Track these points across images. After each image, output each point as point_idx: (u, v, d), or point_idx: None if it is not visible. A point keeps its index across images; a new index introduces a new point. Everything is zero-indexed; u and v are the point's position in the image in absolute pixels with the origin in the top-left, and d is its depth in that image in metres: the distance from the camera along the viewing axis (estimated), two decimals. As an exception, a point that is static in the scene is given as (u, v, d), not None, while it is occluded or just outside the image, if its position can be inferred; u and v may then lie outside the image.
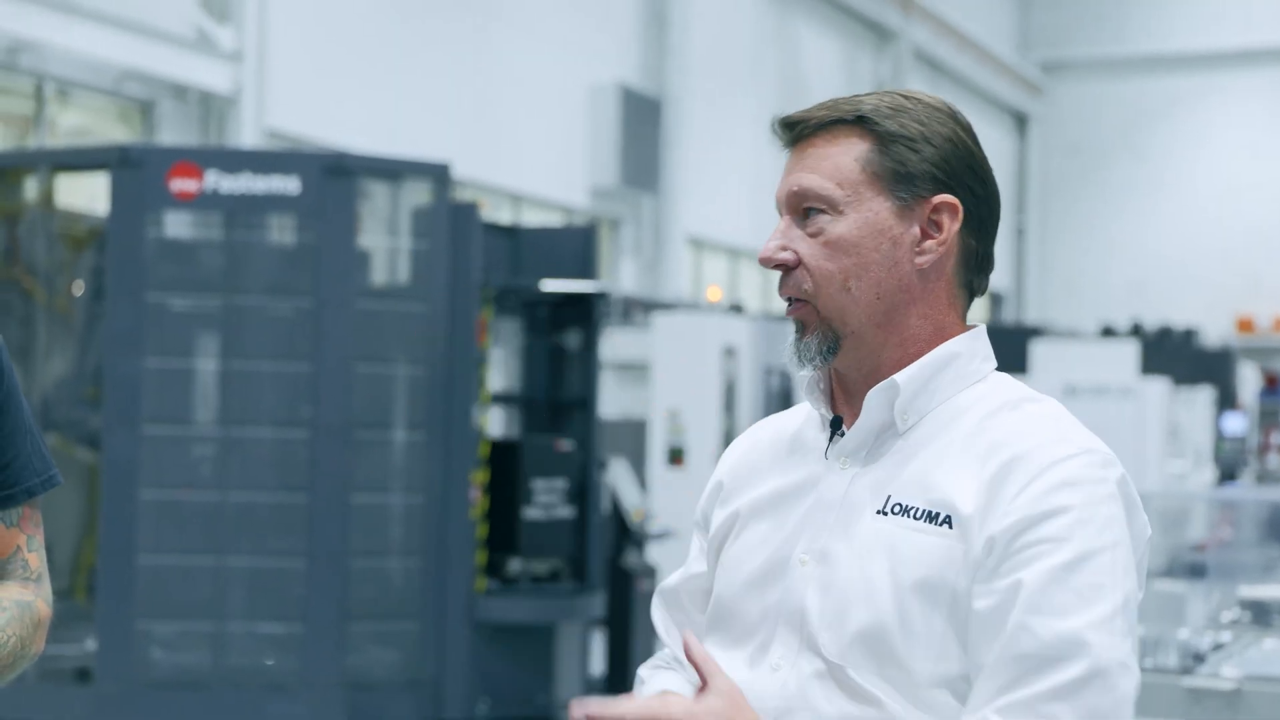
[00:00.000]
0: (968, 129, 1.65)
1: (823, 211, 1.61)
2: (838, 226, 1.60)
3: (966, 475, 1.55)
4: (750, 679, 1.61)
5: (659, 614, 1.80)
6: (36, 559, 1.92)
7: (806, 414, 1.71)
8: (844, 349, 1.61)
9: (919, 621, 1.52)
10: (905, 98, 1.64)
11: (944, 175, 1.61)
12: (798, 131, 1.65)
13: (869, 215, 1.60)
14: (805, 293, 1.61)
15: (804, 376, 1.66)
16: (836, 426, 1.65)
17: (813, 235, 1.61)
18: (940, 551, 1.53)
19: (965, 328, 1.65)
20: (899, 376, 1.60)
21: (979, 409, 1.60)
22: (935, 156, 1.61)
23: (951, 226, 1.61)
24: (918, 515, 1.55)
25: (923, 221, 1.61)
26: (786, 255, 1.62)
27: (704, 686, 1.52)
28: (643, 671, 1.78)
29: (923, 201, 1.61)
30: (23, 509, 1.91)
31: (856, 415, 1.63)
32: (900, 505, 1.56)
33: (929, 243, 1.61)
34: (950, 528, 1.53)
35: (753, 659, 1.62)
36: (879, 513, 1.58)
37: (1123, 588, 1.49)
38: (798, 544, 1.62)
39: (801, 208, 1.63)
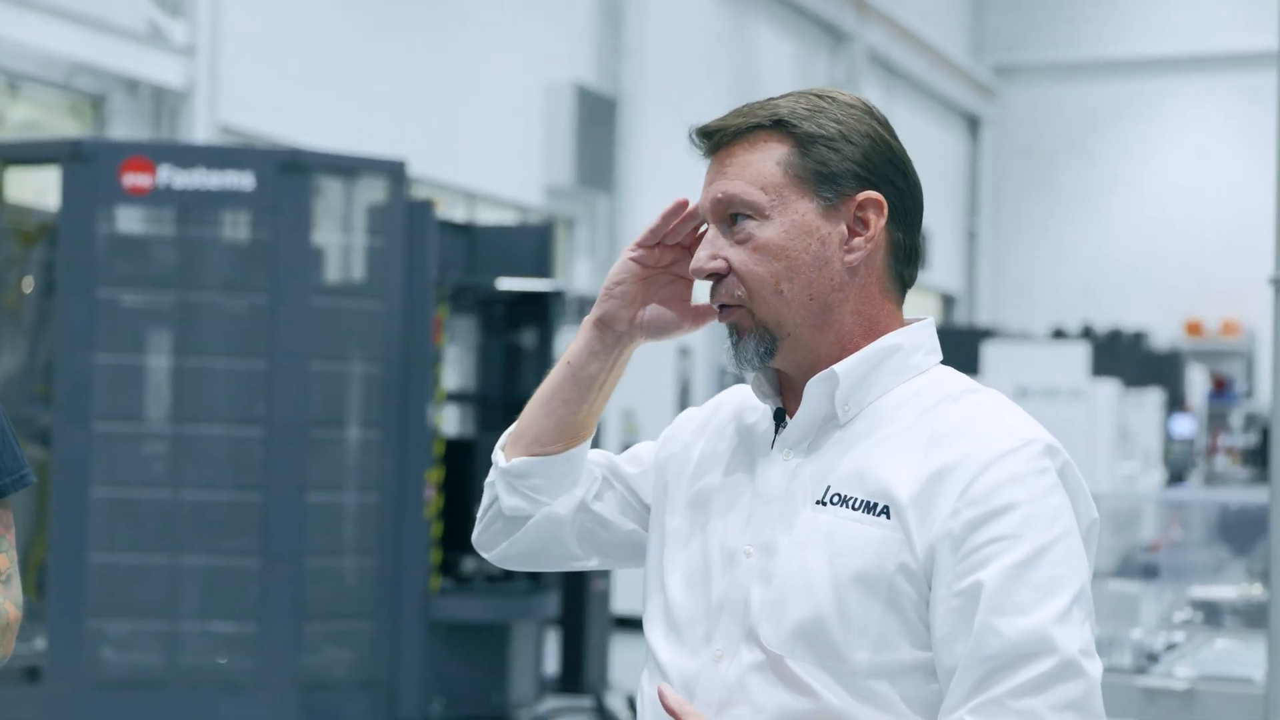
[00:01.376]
0: (885, 124, 1.67)
1: (749, 217, 1.63)
2: (765, 231, 1.62)
3: (905, 465, 1.56)
4: (694, 669, 1.62)
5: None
6: (6, 560, 1.88)
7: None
8: (781, 350, 1.63)
9: (857, 612, 1.54)
10: (820, 97, 1.65)
11: (866, 172, 1.63)
12: (716, 140, 1.67)
13: (795, 218, 1.62)
14: (738, 299, 1.63)
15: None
16: (780, 418, 1.67)
17: (741, 242, 1.63)
18: (878, 542, 1.54)
19: (902, 320, 1.66)
20: (838, 367, 1.62)
21: (920, 401, 1.61)
22: (856, 154, 1.62)
23: (878, 222, 1.63)
24: (856, 506, 1.56)
25: (849, 219, 1.63)
26: (717, 264, 1.64)
27: None
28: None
29: (847, 200, 1.62)
30: None
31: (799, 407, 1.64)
32: (839, 496, 1.58)
33: (856, 240, 1.63)
34: (888, 518, 1.55)
35: (695, 649, 1.63)
36: (818, 503, 1.59)
37: (1078, 576, 1.52)
38: (744, 536, 1.63)
39: (727, 215, 1.65)
